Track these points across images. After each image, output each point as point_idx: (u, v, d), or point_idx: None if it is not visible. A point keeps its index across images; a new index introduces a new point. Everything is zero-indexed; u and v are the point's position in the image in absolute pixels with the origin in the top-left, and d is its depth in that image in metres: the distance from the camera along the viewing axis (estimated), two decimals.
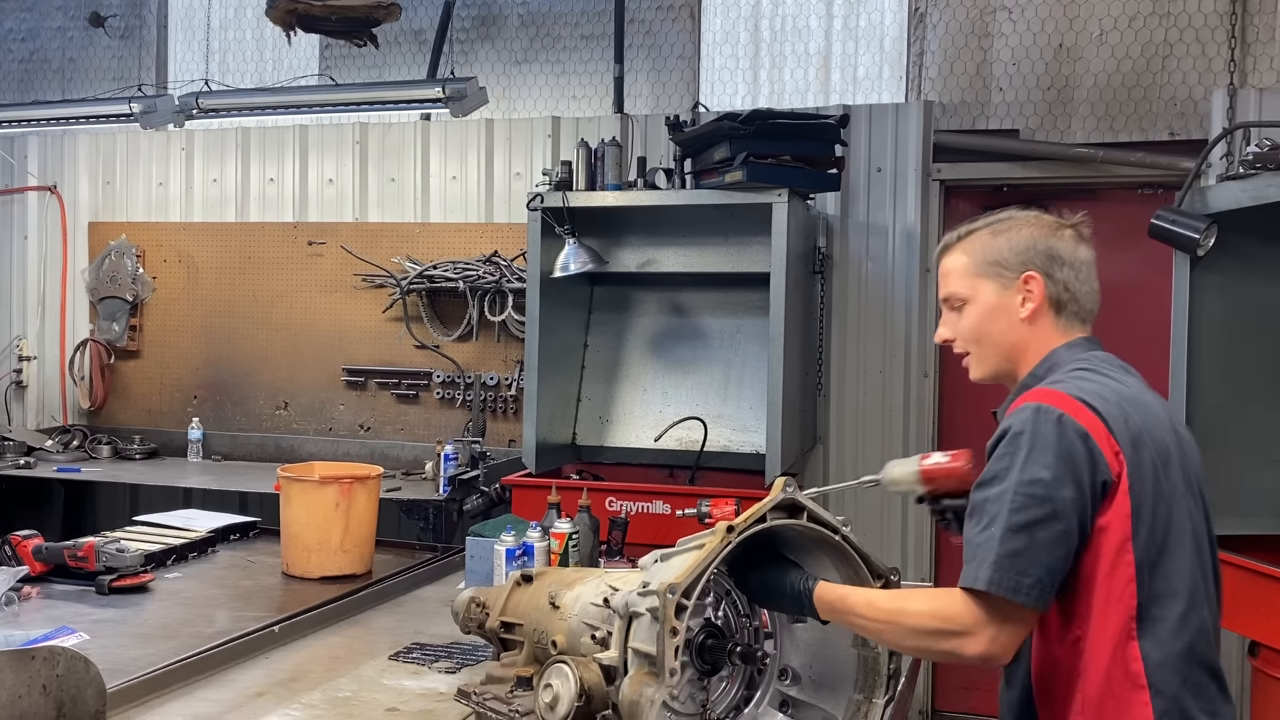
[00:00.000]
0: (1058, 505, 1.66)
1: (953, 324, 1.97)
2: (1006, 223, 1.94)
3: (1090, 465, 1.68)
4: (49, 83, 6.61)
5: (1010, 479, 1.68)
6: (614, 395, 5.11)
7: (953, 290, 1.96)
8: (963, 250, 1.95)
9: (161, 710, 2.15)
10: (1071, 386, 1.76)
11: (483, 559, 3.02)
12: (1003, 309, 1.91)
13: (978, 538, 1.70)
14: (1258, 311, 3.70)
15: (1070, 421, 1.69)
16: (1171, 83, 4.87)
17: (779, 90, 5.48)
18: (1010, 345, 1.91)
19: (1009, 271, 1.90)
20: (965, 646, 1.67)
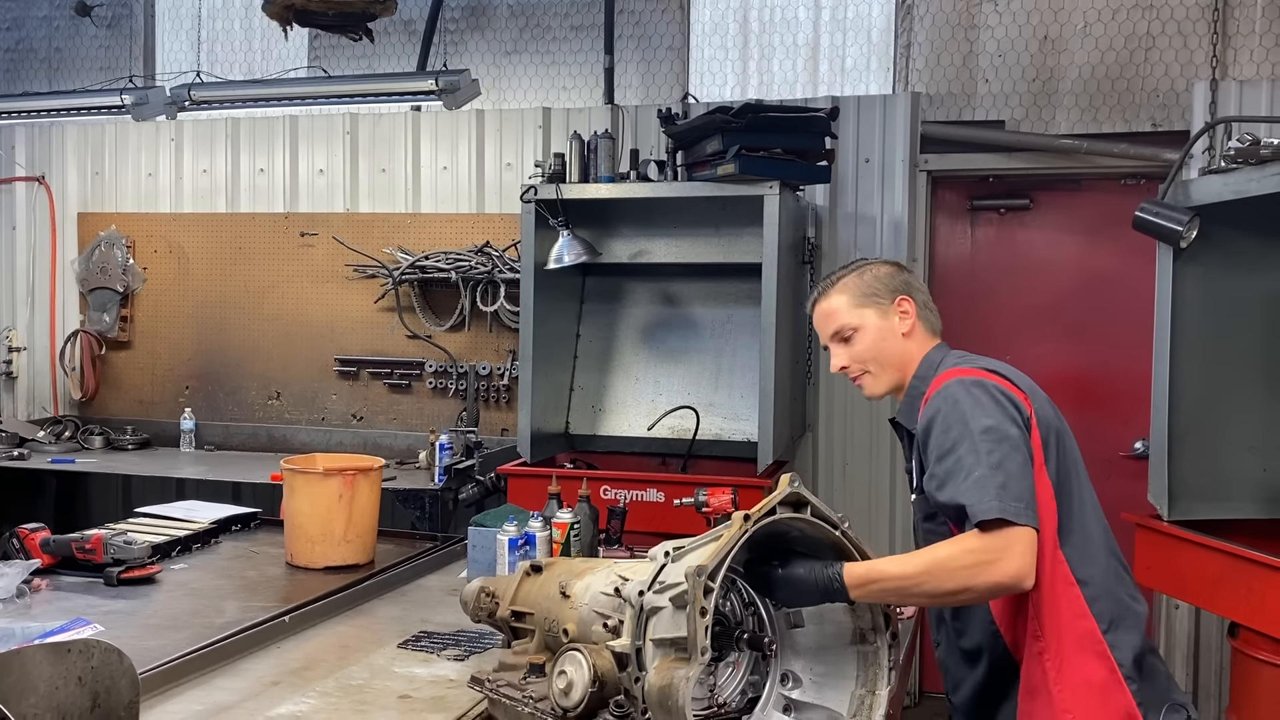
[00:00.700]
0: (1013, 440, 1.99)
1: (845, 353, 2.31)
2: (865, 266, 2.34)
3: (1015, 407, 2.05)
4: (35, 72, 6.59)
5: (968, 435, 1.99)
6: (606, 385, 5.17)
7: (842, 323, 2.30)
8: (839, 291, 2.31)
9: (181, 699, 2.20)
10: (968, 363, 2.19)
11: (485, 548, 3.08)
12: (887, 329, 2.28)
13: (965, 485, 1.95)
14: (1239, 302, 3.78)
15: (986, 381, 2.09)
16: (1154, 75, 4.95)
17: (768, 81, 5.53)
18: (899, 358, 2.29)
19: (884, 299, 2.29)
20: (1002, 569, 1.88)
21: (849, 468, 5.22)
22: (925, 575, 1.92)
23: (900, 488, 5.17)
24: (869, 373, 2.30)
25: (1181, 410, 3.78)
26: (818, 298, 2.35)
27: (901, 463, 5.15)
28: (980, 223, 5.30)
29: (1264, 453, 3.83)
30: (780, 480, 1.87)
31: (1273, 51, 4.78)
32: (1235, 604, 3.47)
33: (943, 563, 1.92)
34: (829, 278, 2.37)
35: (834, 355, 2.33)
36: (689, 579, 1.70)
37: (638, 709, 1.79)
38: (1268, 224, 3.69)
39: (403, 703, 2.21)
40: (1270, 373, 3.83)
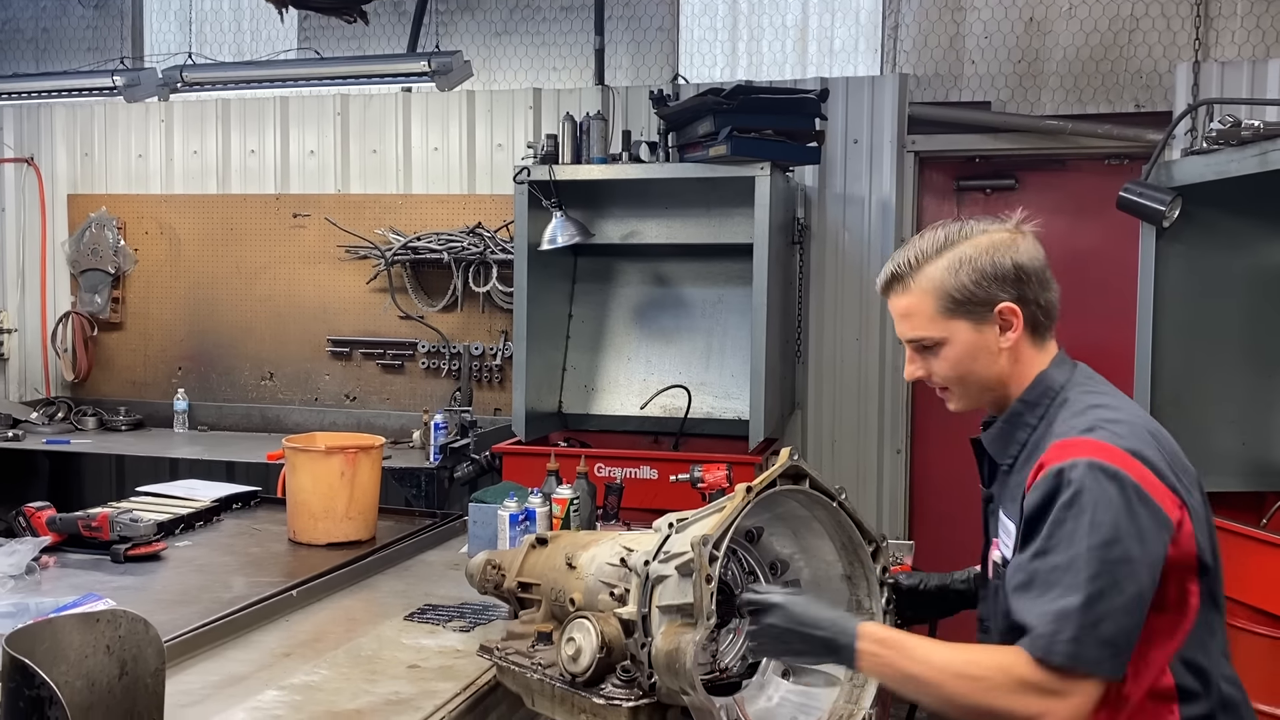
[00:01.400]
0: (1132, 567, 1.58)
1: (925, 363, 1.86)
2: (959, 248, 1.81)
3: (1156, 519, 1.61)
4: (22, 53, 6.57)
5: (1079, 544, 1.58)
6: (599, 364, 5.23)
7: (922, 335, 1.83)
8: (921, 292, 1.82)
9: (196, 670, 2.26)
10: (1110, 435, 1.67)
11: (485, 524, 3.14)
12: (982, 346, 1.80)
13: (1045, 607, 1.59)
14: (1219, 280, 3.88)
15: (1128, 480, 1.61)
16: (1138, 56, 5.02)
17: (757, 62, 5.57)
18: (994, 378, 1.82)
19: (981, 308, 1.79)
20: (1053, 709, 1.57)
21: (837, 445, 5.30)
22: (951, 679, 1.63)
23: (888, 464, 5.26)
24: (951, 390, 1.87)
25: (1163, 385, 3.88)
26: (892, 285, 1.86)
27: (891, 440, 5.25)
28: (967, 203, 5.37)
29: (1243, 427, 3.93)
30: (781, 453, 1.93)
31: (1253, 33, 4.86)
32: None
33: (979, 676, 1.62)
34: (910, 256, 1.84)
35: (909, 362, 1.89)
36: (695, 548, 1.77)
37: (643, 673, 1.86)
38: (1248, 204, 3.78)
39: (412, 672, 2.28)
40: (1250, 349, 3.93)
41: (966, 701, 1.63)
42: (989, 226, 1.83)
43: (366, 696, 2.13)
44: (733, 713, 1.91)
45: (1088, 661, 1.57)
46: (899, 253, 1.88)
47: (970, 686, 1.62)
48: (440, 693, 2.15)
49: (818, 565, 2.04)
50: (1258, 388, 3.92)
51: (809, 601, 1.79)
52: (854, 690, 1.95)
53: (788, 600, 1.76)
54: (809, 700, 1.99)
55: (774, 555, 2.04)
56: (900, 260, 1.86)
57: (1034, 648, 1.58)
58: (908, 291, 1.83)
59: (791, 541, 2.05)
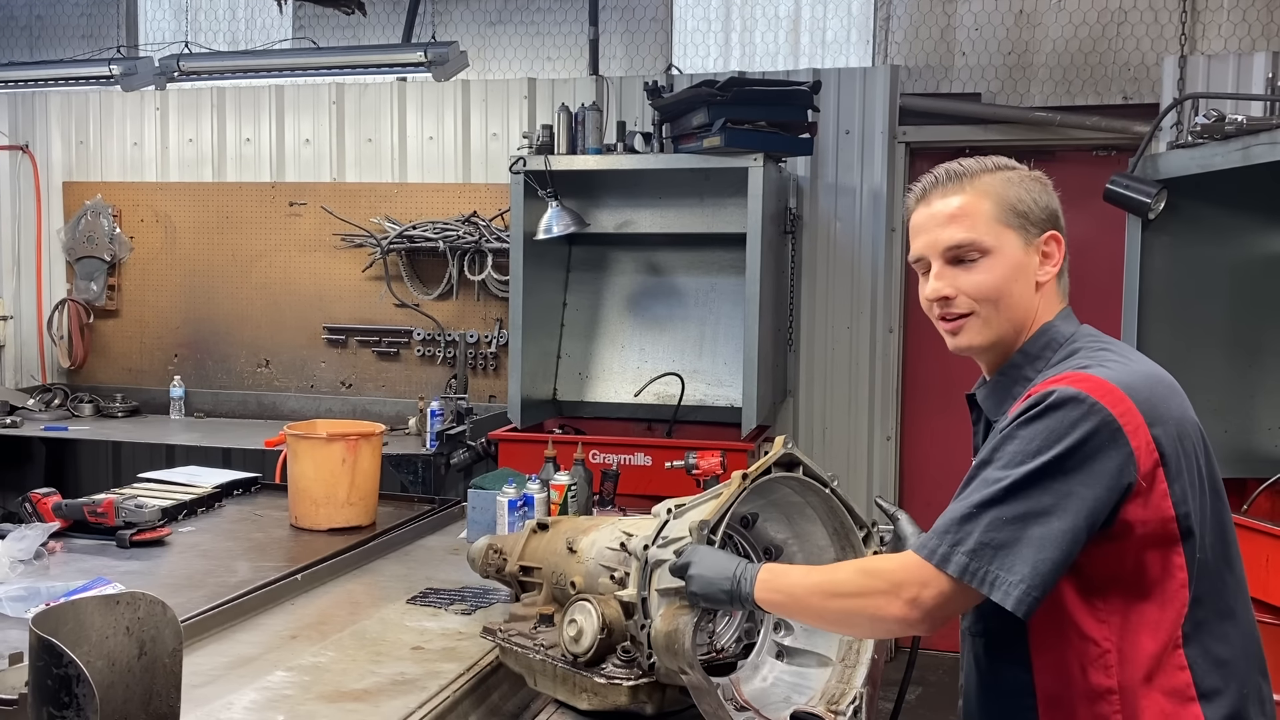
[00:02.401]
0: (1073, 504, 1.46)
1: (955, 281, 1.67)
2: (1011, 171, 1.70)
3: (1118, 465, 1.48)
4: (16, 40, 6.58)
5: (1017, 465, 1.49)
6: (593, 352, 5.29)
7: (975, 238, 1.65)
8: (979, 192, 1.66)
9: (205, 652, 2.32)
10: (1106, 371, 1.55)
11: (484, 510, 3.20)
12: (1025, 268, 1.66)
13: (958, 511, 1.52)
14: (1204, 271, 3.96)
15: (1103, 412, 1.48)
16: (1126, 49, 5.08)
17: (750, 53, 5.62)
18: (1023, 311, 1.66)
19: (1033, 227, 1.66)
20: (886, 606, 1.54)
21: (828, 431, 5.38)
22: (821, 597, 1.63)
23: (879, 450, 5.34)
24: (977, 315, 1.66)
25: None
26: (943, 184, 1.69)
27: (881, 427, 5.32)
28: None
29: (1226, 415, 4.01)
30: (775, 441, 1.99)
31: (1239, 27, 4.93)
32: None
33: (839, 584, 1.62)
34: (959, 165, 1.69)
35: (936, 277, 1.68)
36: (693, 533, 1.83)
37: (643, 654, 1.92)
38: (1232, 196, 3.86)
39: (416, 653, 2.34)
40: (1233, 338, 4.01)
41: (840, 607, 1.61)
42: (1029, 170, 1.74)
43: (373, 677, 2.19)
44: (729, 692, 1.98)
45: (981, 579, 1.47)
46: (947, 164, 1.72)
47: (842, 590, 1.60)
48: (445, 673, 2.21)
49: (810, 550, 2.10)
50: (1240, 377, 4.01)
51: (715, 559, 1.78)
52: (845, 670, 2.02)
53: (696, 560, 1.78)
54: (802, 680, 2.05)
55: (768, 540, 2.10)
56: (951, 166, 1.71)
57: (928, 552, 1.51)
58: (963, 190, 1.67)
59: (785, 527, 2.12)
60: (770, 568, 1.75)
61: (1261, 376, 4.03)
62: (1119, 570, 1.53)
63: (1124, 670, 1.54)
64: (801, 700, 1.99)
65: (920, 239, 1.72)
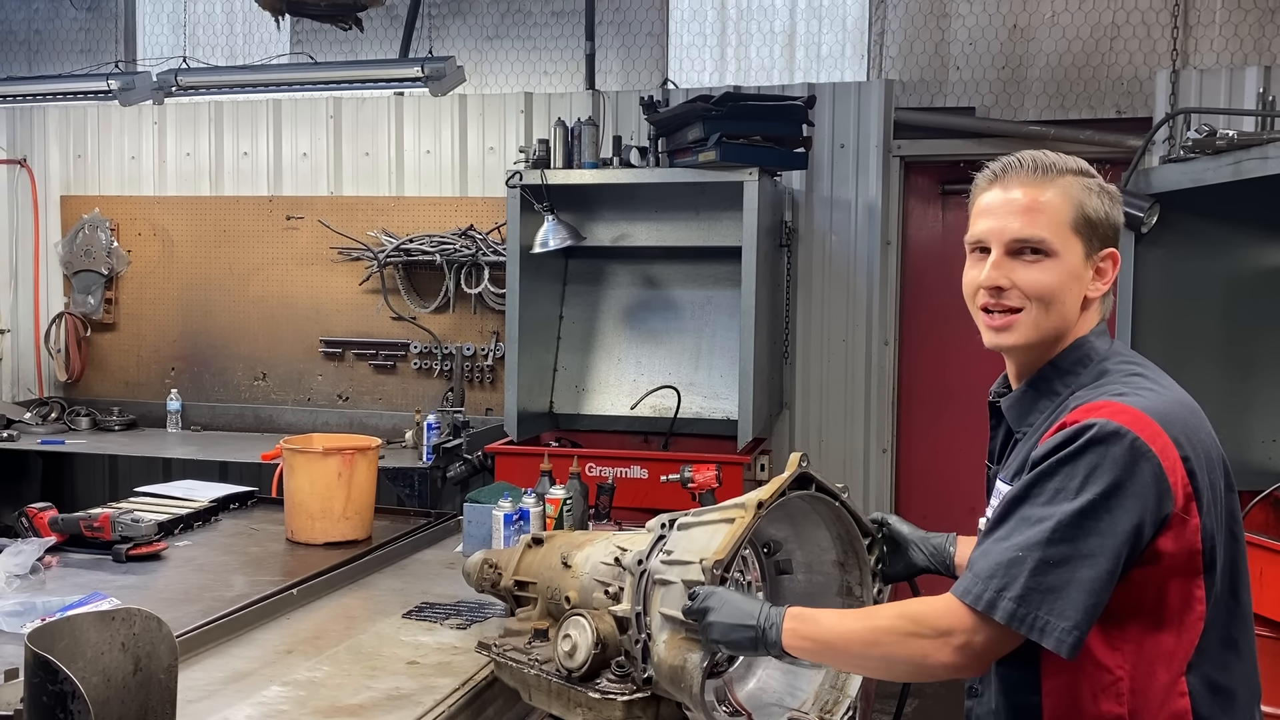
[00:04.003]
0: (1112, 544, 1.45)
1: (1014, 270, 1.65)
2: (1095, 179, 1.67)
3: (1157, 501, 1.47)
4: (15, 54, 6.60)
5: (1060, 503, 1.47)
6: (589, 365, 5.30)
7: (1043, 236, 1.62)
8: (1062, 192, 1.63)
9: (201, 667, 2.32)
10: (1143, 401, 1.53)
11: (480, 524, 3.21)
12: (1079, 279, 1.64)
13: (1003, 554, 1.48)
14: (1197, 284, 3.98)
15: (1144, 449, 1.47)
16: (1119, 63, 5.12)
17: (745, 68, 5.65)
18: (1067, 321, 1.65)
19: (1098, 241, 1.65)
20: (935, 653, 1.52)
21: (825, 444, 5.39)
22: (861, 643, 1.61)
23: (875, 463, 5.35)
24: (1027, 312, 1.64)
25: None
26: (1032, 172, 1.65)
27: (877, 439, 5.33)
28: (951, 206, 5.46)
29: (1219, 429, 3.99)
30: (790, 459, 1.95)
31: (1231, 41, 4.96)
32: None
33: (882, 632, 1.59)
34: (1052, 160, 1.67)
35: (994, 266, 1.66)
36: (706, 573, 1.79)
37: (638, 669, 1.93)
38: (1224, 210, 3.88)
39: (412, 668, 2.34)
40: (1227, 350, 4.03)
41: (882, 654, 1.58)
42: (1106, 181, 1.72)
43: (368, 692, 2.20)
44: (723, 694, 1.98)
45: (1031, 625, 1.45)
46: (1032, 151, 1.70)
47: (884, 638, 1.56)
48: (440, 688, 2.21)
49: (811, 550, 2.06)
50: (1233, 389, 4.02)
51: (734, 603, 1.73)
52: (839, 676, 2.01)
53: (715, 606, 1.73)
54: (795, 682, 2.05)
55: (768, 536, 2.07)
56: (1039, 155, 1.68)
57: (973, 597, 1.49)
58: (1049, 185, 1.64)
59: (787, 526, 2.09)
60: (798, 614, 1.68)
61: (1255, 389, 4.05)
62: (1140, 599, 1.52)
63: (1135, 699, 1.53)
64: (794, 704, 1.99)
65: (986, 222, 1.68)
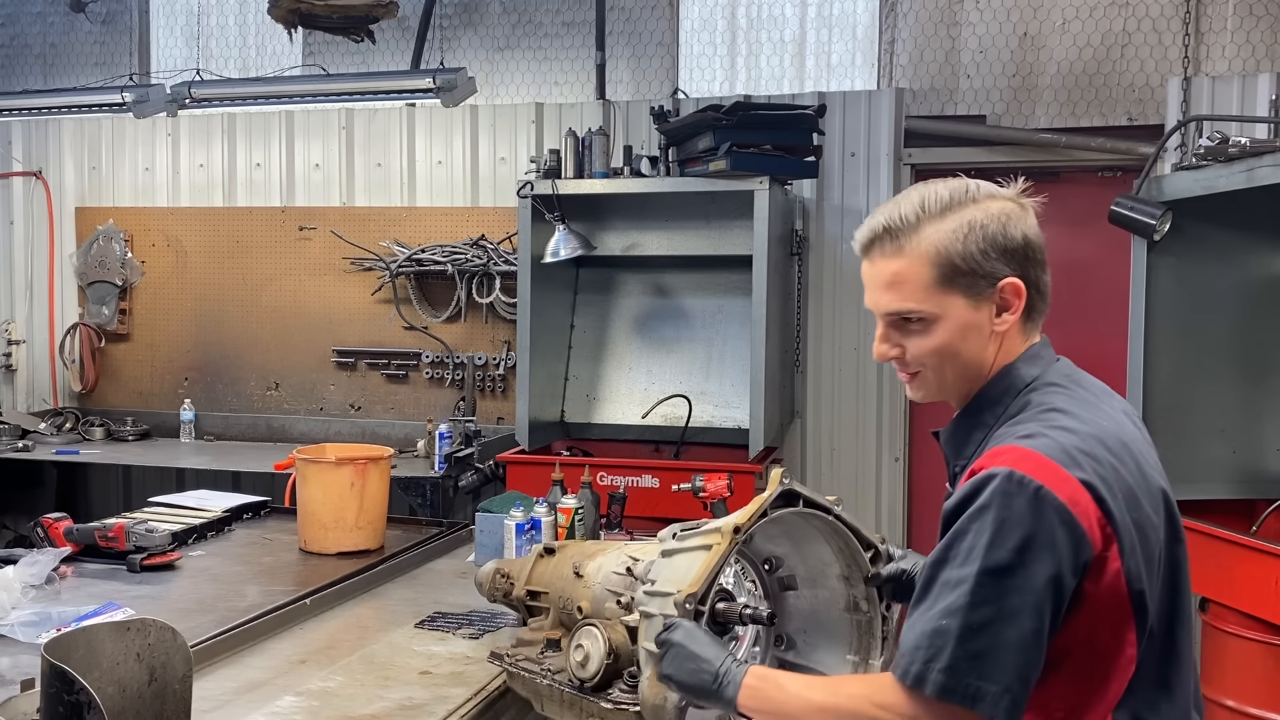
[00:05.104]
0: (1033, 600, 1.37)
1: (900, 344, 1.59)
2: (968, 210, 1.54)
3: (1072, 548, 1.39)
4: (30, 68, 6.65)
5: (974, 562, 1.39)
6: (600, 374, 5.31)
7: (911, 307, 1.55)
8: (919, 255, 1.53)
9: (215, 677, 2.33)
10: (1049, 443, 1.44)
11: (492, 533, 3.21)
12: (974, 325, 1.55)
13: (927, 624, 1.41)
14: (1209, 292, 3.97)
15: (1049, 497, 1.39)
16: (1130, 70, 5.11)
17: (755, 77, 5.66)
18: (977, 365, 1.58)
19: (984, 280, 1.53)
20: None
21: (836, 452, 5.38)
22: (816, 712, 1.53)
23: (887, 472, 5.33)
24: (927, 371, 1.60)
25: (1154, 396, 3.96)
26: (880, 243, 1.56)
27: (889, 448, 5.32)
28: None
29: (1233, 435, 4.01)
30: (771, 477, 1.89)
31: (1243, 48, 4.95)
32: (1205, 580, 3.65)
33: (844, 713, 1.51)
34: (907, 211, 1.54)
35: (880, 339, 1.61)
36: (678, 606, 1.74)
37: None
38: (1236, 218, 3.87)
39: (424, 678, 2.35)
40: (1239, 359, 4.01)
41: None
42: (996, 191, 1.58)
43: (381, 702, 2.20)
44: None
45: (963, 695, 1.38)
46: (889, 206, 1.58)
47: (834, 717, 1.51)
48: (452, 698, 2.22)
49: (814, 564, 2.02)
50: (1247, 397, 4.00)
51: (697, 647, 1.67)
52: None
53: (673, 650, 1.68)
54: None
55: (768, 553, 2.03)
56: (894, 214, 1.55)
57: (901, 672, 1.43)
58: (901, 254, 1.54)
59: (787, 543, 2.06)
60: (761, 674, 1.63)
61: (1269, 397, 4.03)
62: (1070, 643, 1.45)
63: None
64: None
65: (867, 293, 1.62)
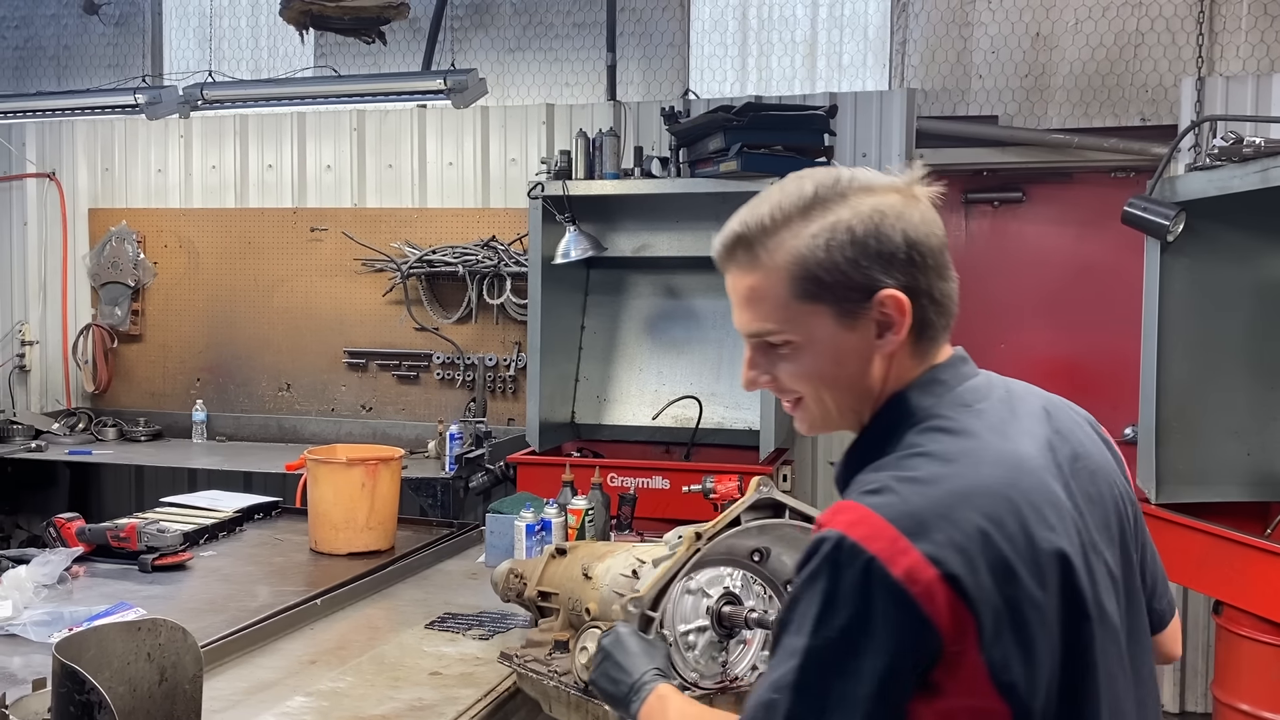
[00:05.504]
0: (859, 690, 1.15)
1: (770, 367, 1.34)
2: (834, 211, 1.27)
3: (909, 636, 1.14)
4: (44, 70, 6.69)
5: (804, 637, 1.18)
6: (611, 375, 5.30)
7: (769, 326, 1.30)
8: (774, 269, 1.28)
9: (225, 677, 2.34)
10: (895, 502, 1.18)
11: (502, 534, 3.22)
12: (850, 348, 1.28)
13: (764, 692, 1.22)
14: (1223, 293, 3.94)
15: (880, 574, 1.14)
16: (1143, 70, 5.08)
17: (766, 78, 5.65)
18: (863, 392, 1.31)
19: (855, 293, 1.26)
20: None
21: None
22: None
23: None
24: (806, 402, 1.34)
25: (1168, 397, 3.94)
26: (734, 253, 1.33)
27: None
28: (974, 215, 5.44)
29: (1247, 437, 3.98)
30: (750, 485, 1.87)
31: (1258, 48, 4.92)
32: (1220, 583, 3.62)
33: None
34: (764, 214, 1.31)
35: (747, 365, 1.37)
36: (622, 610, 1.78)
37: None
38: (1250, 218, 3.84)
39: (434, 679, 2.35)
40: (1253, 360, 3.98)
41: None
42: (874, 181, 1.30)
43: (391, 703, 2.21)
44: None
45: None
46: (746, 207, 1.33)
47: None
48: (462, 699, 2.22)
49: None
50: (1262, 399, 3.98)
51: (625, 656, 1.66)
52: None
53: (604, 655, 1.68)
54: None
55: (787, 575, 2.03)
56: (749, 219, 1.31)
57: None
58: (756, 266, 1.30)
59: (791, 552, 2.07)
60: (664, 694, 1.58)
61: None
62: None
63: None
64: None
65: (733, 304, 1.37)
